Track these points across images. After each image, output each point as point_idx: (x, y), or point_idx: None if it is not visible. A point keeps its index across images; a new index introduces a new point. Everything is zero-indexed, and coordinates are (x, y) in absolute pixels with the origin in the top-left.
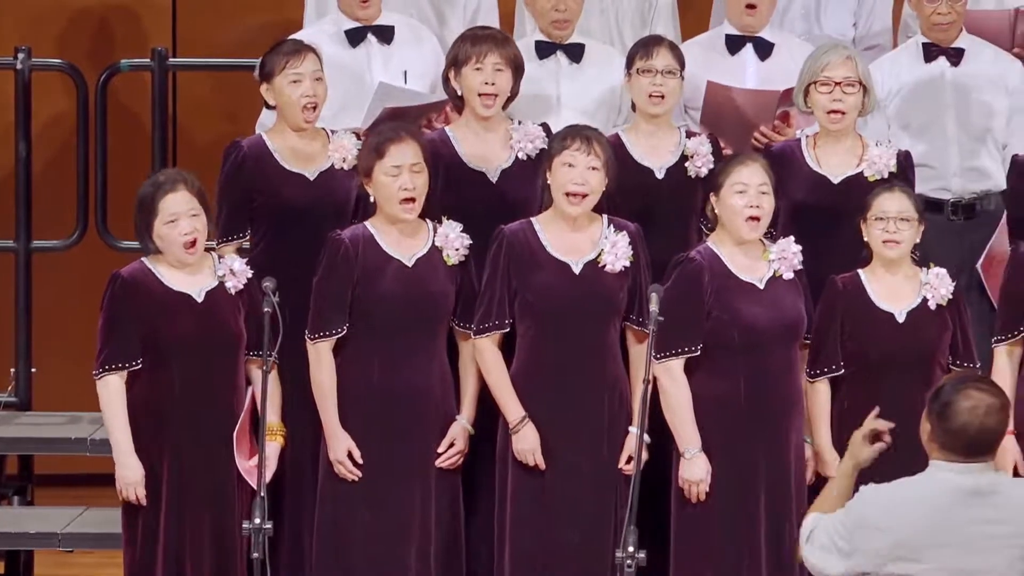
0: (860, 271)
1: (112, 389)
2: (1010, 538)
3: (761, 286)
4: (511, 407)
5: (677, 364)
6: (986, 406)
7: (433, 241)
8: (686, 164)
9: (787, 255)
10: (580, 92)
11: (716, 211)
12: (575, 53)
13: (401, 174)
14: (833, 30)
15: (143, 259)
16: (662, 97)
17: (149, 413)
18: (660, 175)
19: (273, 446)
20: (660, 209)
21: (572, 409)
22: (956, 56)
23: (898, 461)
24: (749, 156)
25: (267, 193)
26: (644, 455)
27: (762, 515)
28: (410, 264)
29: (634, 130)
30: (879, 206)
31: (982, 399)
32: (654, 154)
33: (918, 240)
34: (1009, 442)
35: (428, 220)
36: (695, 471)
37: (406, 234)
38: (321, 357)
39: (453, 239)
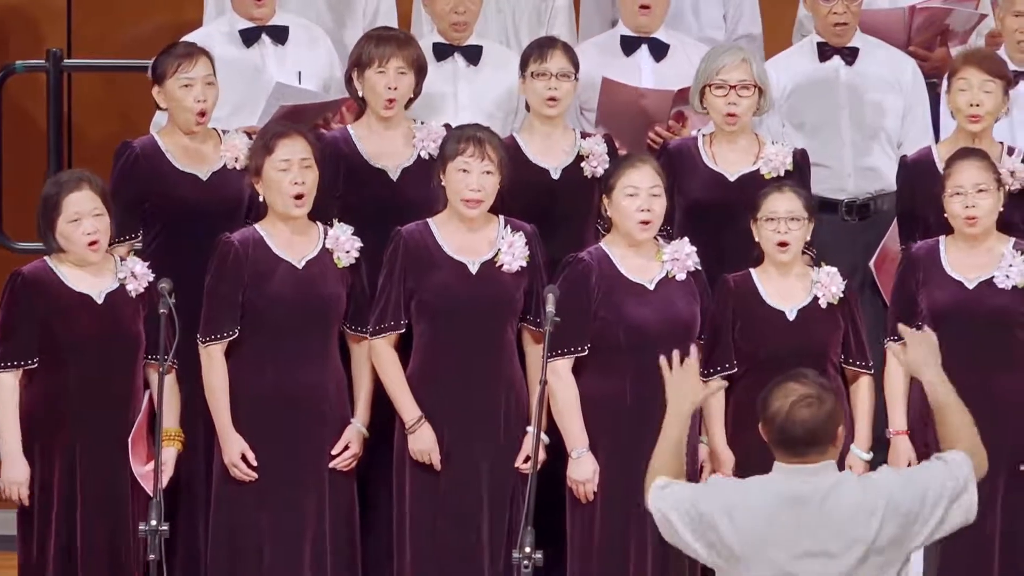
0: (752, 270)
1: (5, 388)
2: (840, 545)
3: (651, 287)
4: (407, 408)
5: (564, 364)
6: (798, 396)
7: (323, 243)
8: (582, 165)
9: (680, 256)
10: (478, 94)
11: (608, 212)
12: (473, 55)
13: (291, 169)
14: (712, 28)
15: (45, 258)
16: (557, 100)
17: (44, 413)
18: (556, 176)
19: (171, 451)
20: (557, 210)
21: (469, 409)
22: (851, 55)
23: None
24: (640, 158)
25: (159, 193)
26: (542, 455)
27: (648, 513)
28: (300, 266)
29: (529, 131)
30: (769, 206)
31: (795, 390)
32: (550, 155)
33: (808, 238)
34: (903, 442)
35: (319, 222)
36: (582, 471)
37: (297, 236)
38: (213, 360)
39: (343, 241)
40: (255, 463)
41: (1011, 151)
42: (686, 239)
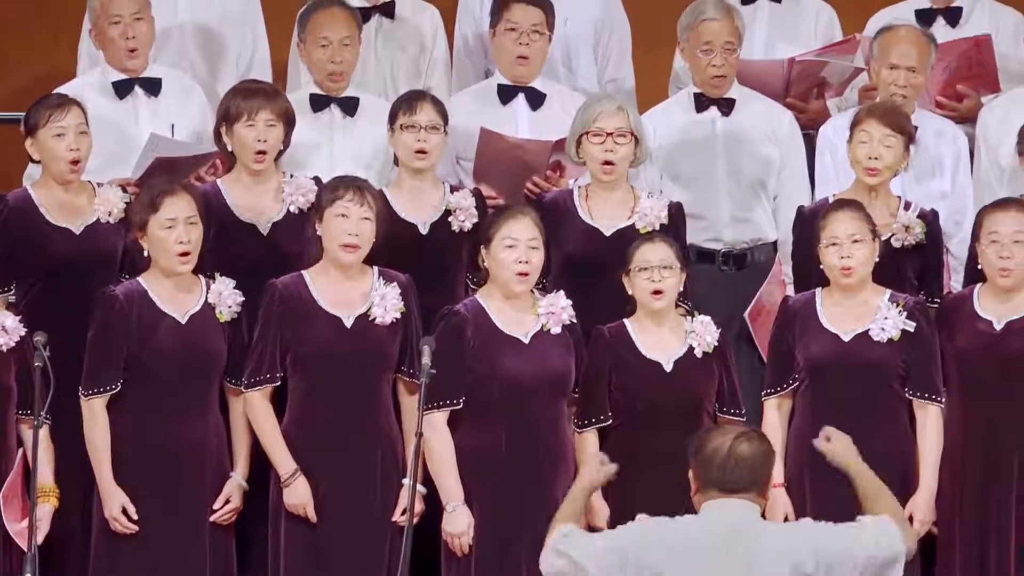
0: (626, 321)
1: None
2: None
3: (526, 340)
4: (282, 461)
5: (440, 417)
6: (738, 434)
7: (206, 297)
8: (450, 219)
9: (555, 310)
10: (354, 145)
11: (485, 264)
12: (349, 106)
13: (176, 227)
14: (584, 79)
15: None
16: (425, 153)
17: None
18: (424, 230)
19: (46, 508)
20: (425, 264)
21: (344, 462)
22: (727, 107)
23: (664, 508)
24: (519, 210)
25: (33, 247)
26: (419, 506)
27: (523, 566)
28: (183, 321)
29: (398, 186)
30: (641, 256)
31: (734, 430)
32: (418, 209)
33: (681, 288)
34: (780, 495)
35: (201, 276)
36: (457, 524)
37: (180, 290)
38: (95, 414)
39: (226, 296)
40: (136, 516)
41: (908, 205)
42: (562, 292)
